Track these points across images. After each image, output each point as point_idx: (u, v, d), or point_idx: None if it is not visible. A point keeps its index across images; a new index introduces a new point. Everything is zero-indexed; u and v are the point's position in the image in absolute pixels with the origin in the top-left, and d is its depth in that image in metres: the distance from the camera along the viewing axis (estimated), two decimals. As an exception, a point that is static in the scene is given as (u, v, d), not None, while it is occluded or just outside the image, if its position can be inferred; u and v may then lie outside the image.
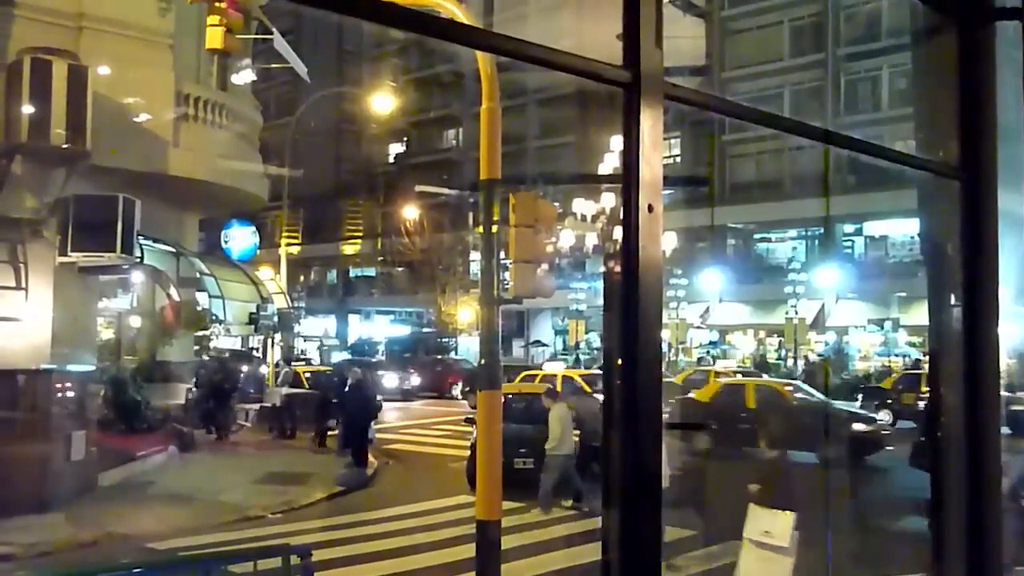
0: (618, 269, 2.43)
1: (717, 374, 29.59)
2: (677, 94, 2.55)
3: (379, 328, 57.79)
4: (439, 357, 43.65)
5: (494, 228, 9.87)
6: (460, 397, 35.77)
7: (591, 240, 20.98)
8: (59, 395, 14.48)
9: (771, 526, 8.26)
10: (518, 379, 27.76)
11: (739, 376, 28.69)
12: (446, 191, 49.82)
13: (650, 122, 2.41)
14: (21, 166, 13.99)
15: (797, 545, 8.22)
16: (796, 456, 13.12)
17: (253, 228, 30.30)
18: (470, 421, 18.62)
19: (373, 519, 14.67)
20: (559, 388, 22.51)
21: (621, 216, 2.47)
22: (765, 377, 30.11)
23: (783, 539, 8.15)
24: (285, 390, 25.53)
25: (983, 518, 3.52)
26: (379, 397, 27.96)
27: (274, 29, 19.31)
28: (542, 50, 2.29)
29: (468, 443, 16.74)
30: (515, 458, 15.50)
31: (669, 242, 24.10)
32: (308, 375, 28.52)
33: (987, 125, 3.60)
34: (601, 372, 29.22)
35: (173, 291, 19.36)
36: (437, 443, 23.92)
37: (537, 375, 26.25)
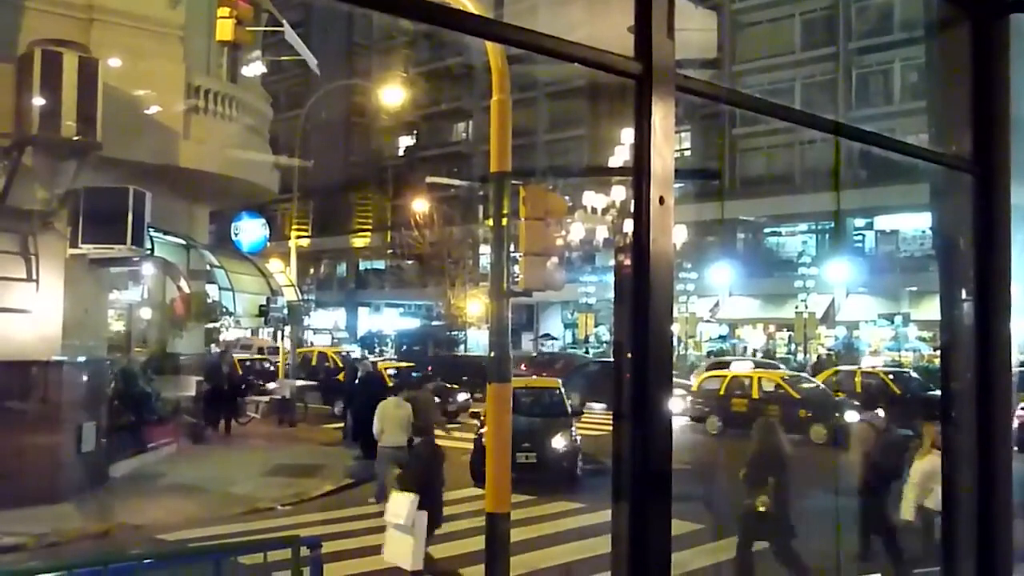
0: (628, 262, 2.41)
1: (865, 373, 26.86)
2: (688, 86, 2.53)
3: (388, 321, 57.82)
4: (555, 353, 43.05)
5: (504, 221, 9.84)
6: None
7: (601, 233, 20.97)
8: (69, 387, 14.53)
9: (399, 508, 9.37)
10: (705, 375, 27.28)
11: (891, 376, 25.61)
12: (456, 184, 49.75)
13: (661, 114, 2.40)
14: (32, 158, 14.00)
15: (422, 523, 9.33)
16: None
17: (263, 220, 30.29)
18: (476, 415, 18.61)
19: (382, 511, 14.63)
20: (755, 392, 23.14)
21: (632, 209, 2.46)
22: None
23: (406, 518, 9.24)
24: (291, 382, 25.61)
25: (993, 514, 3.49)
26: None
27: (284, 21, 19.34)
28: (553, 41, 2.28)
29: (472, 436, 16.78)
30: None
31: (679, 235, 24.00)
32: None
33: (1001, 118, 3.57)
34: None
35: (183, 283, 19.39)
36: (444, 436, 23.89)
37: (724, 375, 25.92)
